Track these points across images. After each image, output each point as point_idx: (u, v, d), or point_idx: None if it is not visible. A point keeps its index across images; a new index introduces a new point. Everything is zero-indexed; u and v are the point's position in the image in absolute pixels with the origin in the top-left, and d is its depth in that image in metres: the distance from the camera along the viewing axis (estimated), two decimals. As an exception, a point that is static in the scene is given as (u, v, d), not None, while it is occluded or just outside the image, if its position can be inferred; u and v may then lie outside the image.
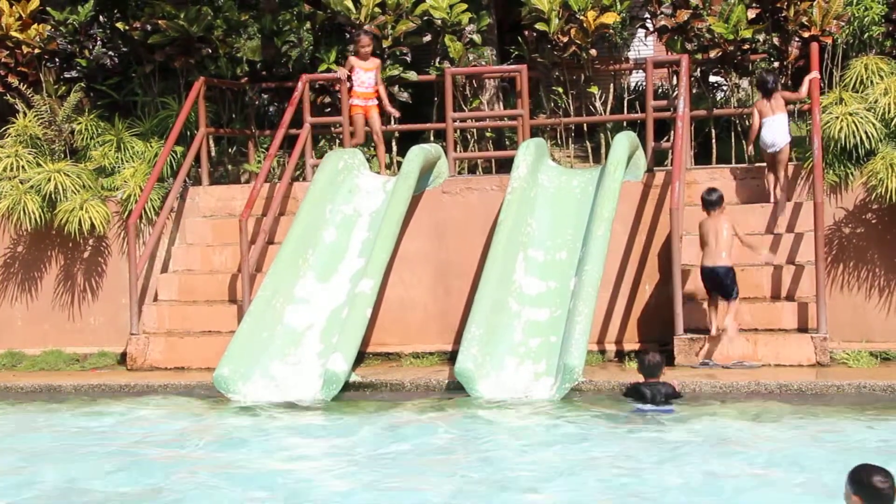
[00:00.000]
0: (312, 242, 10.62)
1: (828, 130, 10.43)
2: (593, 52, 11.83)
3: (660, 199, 10.62)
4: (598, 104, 12.25)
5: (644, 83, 11.84)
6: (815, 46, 10.77)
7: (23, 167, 11.85)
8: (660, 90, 12.57)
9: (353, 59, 11.66)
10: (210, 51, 12.31)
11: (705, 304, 9.79)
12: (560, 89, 12.13)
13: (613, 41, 12.03)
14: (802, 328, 9.70)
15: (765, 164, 10.69)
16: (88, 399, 9.76)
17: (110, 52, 12.71)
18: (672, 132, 11.10)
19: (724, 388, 8.97)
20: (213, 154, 12.54)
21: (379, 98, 11.66)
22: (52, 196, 11.54)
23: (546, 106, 12.32)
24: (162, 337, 10.70)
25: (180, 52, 12.26)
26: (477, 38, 12.40)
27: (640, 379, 8.65)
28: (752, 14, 11.38)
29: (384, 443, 7.85)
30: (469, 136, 12.53)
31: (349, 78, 11.65)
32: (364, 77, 11.60)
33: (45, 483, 6.98)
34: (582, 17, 11.69)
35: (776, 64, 11.60)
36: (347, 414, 8.84)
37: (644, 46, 14.21)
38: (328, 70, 12.23)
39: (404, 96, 12.33)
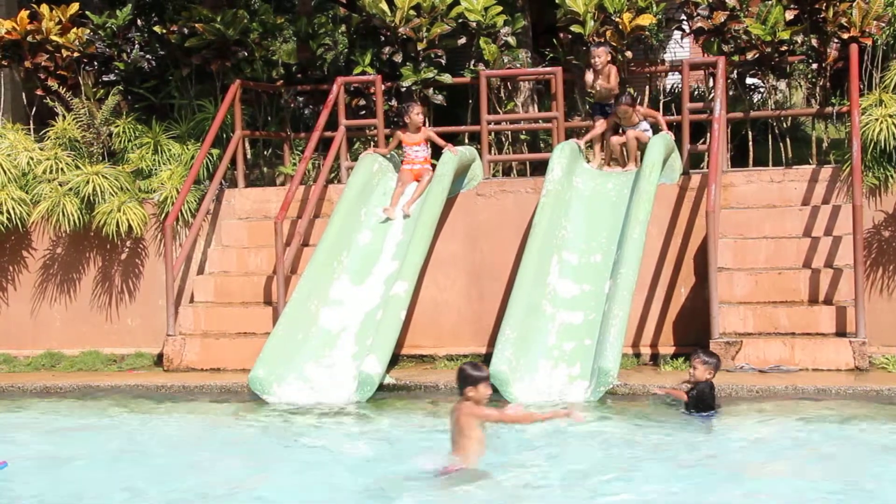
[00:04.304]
0: (347, 245, 10.65)
1: (867, 133, 10.33)
2: (629, 54, 11.77)
3: (695, 201, 10.55)
4: (633, 106, 12.20)
5: (680, 85, 11.78)
6: (854, 48, 10.65)
7: (62, 169, 11.98)
8: (696, 92, 12.49)
9: (400, 134, 11.05)
10: (246, 54, 12.41)
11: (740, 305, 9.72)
12: (595, 91, 12.09)
13: (649, 43, 11.96)
14: (841, 332, 9.59)
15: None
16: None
17: (148, 56, 12.86)
18: (708, 134, 11.03)
19: (761, 392, 8.89)
20: (248, 157, 12.62)
21: (433, 165, 10.88)
22: (91, 198, 11.65)
23: (581, 108, 12.28)
24: (198, 338, 10.77)
25: (217, 55, 12.36)
26: (512, 40, 12.38)
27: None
28: (790, 15, 11.28)
29: (420, 445, 7.85)
30: (503, 139, 12.52)
31: (399, 146, 10.99)
32: (411, 152, 10.97)
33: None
34: (617, 20, 11.64)
35: (814, 66, 11.50)
36: (383, 415, 8.87)
37: (680, 48, 14.13)
38: (363, 73, 12.27)
39: (439, 99, 12.33)
